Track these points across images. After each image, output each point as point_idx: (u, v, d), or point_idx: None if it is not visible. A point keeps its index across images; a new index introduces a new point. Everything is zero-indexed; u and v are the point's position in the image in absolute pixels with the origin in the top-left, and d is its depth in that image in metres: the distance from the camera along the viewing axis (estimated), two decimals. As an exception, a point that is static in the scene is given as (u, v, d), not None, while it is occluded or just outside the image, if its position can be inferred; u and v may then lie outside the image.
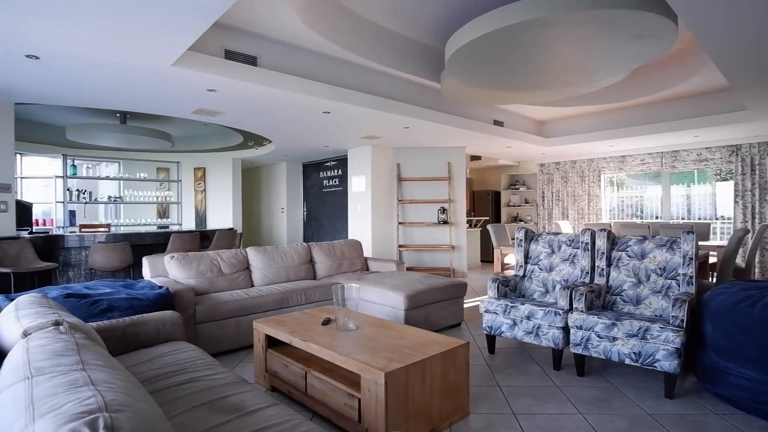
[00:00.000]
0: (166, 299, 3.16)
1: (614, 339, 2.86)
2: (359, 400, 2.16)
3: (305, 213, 10.30)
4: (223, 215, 9.23)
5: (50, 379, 1.05)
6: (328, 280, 4.64)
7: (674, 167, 8.18)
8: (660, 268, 3.18)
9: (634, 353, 2.77)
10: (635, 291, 3.23)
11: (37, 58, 3.41)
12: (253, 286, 4.29)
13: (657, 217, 8.65)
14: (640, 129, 6.92)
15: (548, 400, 2.70)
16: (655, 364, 2.69)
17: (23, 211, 5.53)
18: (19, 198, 5.54)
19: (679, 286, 3.07)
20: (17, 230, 4.87)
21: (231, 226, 8.96)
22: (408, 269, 7.09)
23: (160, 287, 3.31)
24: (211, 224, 9.28)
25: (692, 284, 3.00)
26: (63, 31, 2.95)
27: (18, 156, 7.46)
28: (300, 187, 10.37)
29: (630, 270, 3.30)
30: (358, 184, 7.83)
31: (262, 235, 11.07)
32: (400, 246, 7.73)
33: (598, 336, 2.93)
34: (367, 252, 7.39)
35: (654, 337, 2.69)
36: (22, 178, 7.55)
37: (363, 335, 2.58)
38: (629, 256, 3.34)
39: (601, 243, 3.46)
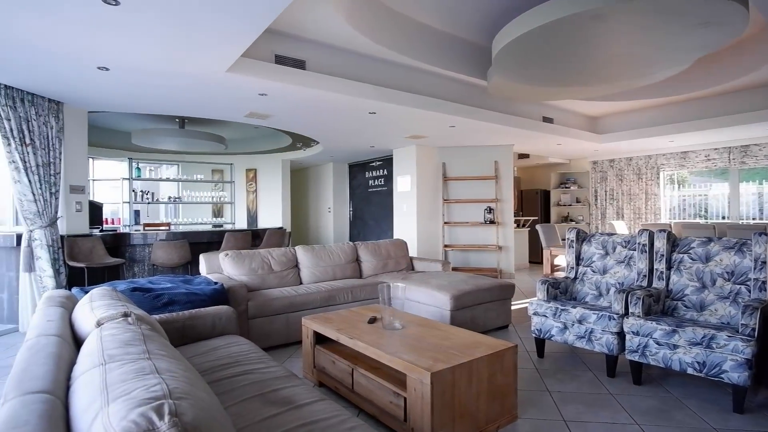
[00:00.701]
0: (221, 295, 3.32)
1: (675, 347, 2.70)
2: (405, 399, 2.17)
3: (351, 212, 10.45)
4: (273, 214, 9.55)
5: (121, 366, 1.14)
6: (373, 279, 4.69)
7: (744, 163, 7.57)
8: (727, 272, 2.96)
9: (698, 363, 2.60)
10: (698, 296, 3.03)
11: (107, 69, 3.69)
12: (301, 283, 4.41)
13: (723, 217, 8.05)
14: (704, 123, 6.46)
15: (601, 408, 2.59)
16: (722, 375, 2.51)
17: (95, 211, 5.99)
18: (91, 199, 6.01)
19: (749, 291, 2.85)
20: (90, 228, 5.29)
21: (280, 225, 9.25)
22: (453, 269, 7.02)
23: (216, 283, 3.48)
24: (262, 223, 9.63)
25: (765, 290, 2.77)
26: (130, 44, 3.17)
27: (90, 160, 8.09)
28: (346, 187, 10.53)
29: (693, 274, 3.10)
30: (403, 184, 7.85)
31: (310, 234, 11.35)
32: (445, 246, 7.67)
33: (657, 343, 2.77)
34: (413, 252, 7.39)
35: (720, 346, 2.51)
36: (93, 180, 8.18)
37: (409, 334, 2.59)
38: (692, 259, 3.13)
39: (660, 244, 3.27)
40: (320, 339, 2.96)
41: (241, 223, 9.69)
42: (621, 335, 2.98)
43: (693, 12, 2.92)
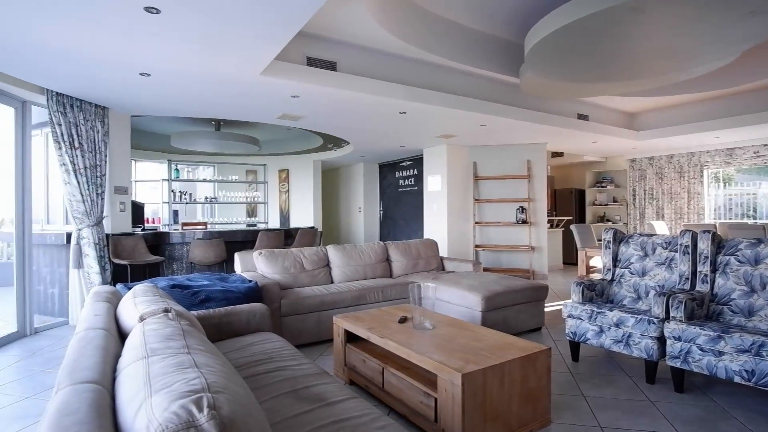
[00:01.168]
0: (255, 292, 3.41)
1: (720, 353, 2.57)
2: (435, 399, 2.16)
3: (381, 212, 10.48)
4: (304, 214, 9.71)
5: (162, 359, 1.19)
6: (403, 279, 4.70)
7: (799, 160, 7.11)
8: (779, 276, 2.79)
9: (746, 371, 2.47)
10: (747, 301, 2.87)
11: (148, 75, 3.86)
12: (332, 282, 4.47)
13: (776, 218, 7.59)
14: (752, 117, 6.11)
15: (640, 415, 2.50)
16: (772, 385, 2.37)
17: (137, 211, 6.27)
18: (133, 199, 6.28)
19: (803, 296, 2.68)
20: (132, 227, 5.54)
21: (312, 224, 9.39)
22: (485, 270, 6.93)
23: (250, 281, 3.58)
24: (294, 223, 9.80)
25: (821, 295, 2.60)
26: (170, 51, 3.30)
27: (132, 162, 8.46)
28: (376, 187, 10.58)
29: (740, 277, 2.94)
30: (433, 184, 7.81)
31: (341, 233, 11.46)
32: (476, 246, 7.58)
33: (701, 349, 2.65)
34: (443, 252, 7.33)
35: (771, 353, 2.37)
36: (135, 181, 8.54)
37: (439, 335, 2.58)
38: (739, 261, 2.97)
39: (705, 246, 3.12)
40: (351, 338, 2.99)
41: (274, 223, 9.90)
42: (661, 340, 2.86)
43: (739, 0, 2.77)
